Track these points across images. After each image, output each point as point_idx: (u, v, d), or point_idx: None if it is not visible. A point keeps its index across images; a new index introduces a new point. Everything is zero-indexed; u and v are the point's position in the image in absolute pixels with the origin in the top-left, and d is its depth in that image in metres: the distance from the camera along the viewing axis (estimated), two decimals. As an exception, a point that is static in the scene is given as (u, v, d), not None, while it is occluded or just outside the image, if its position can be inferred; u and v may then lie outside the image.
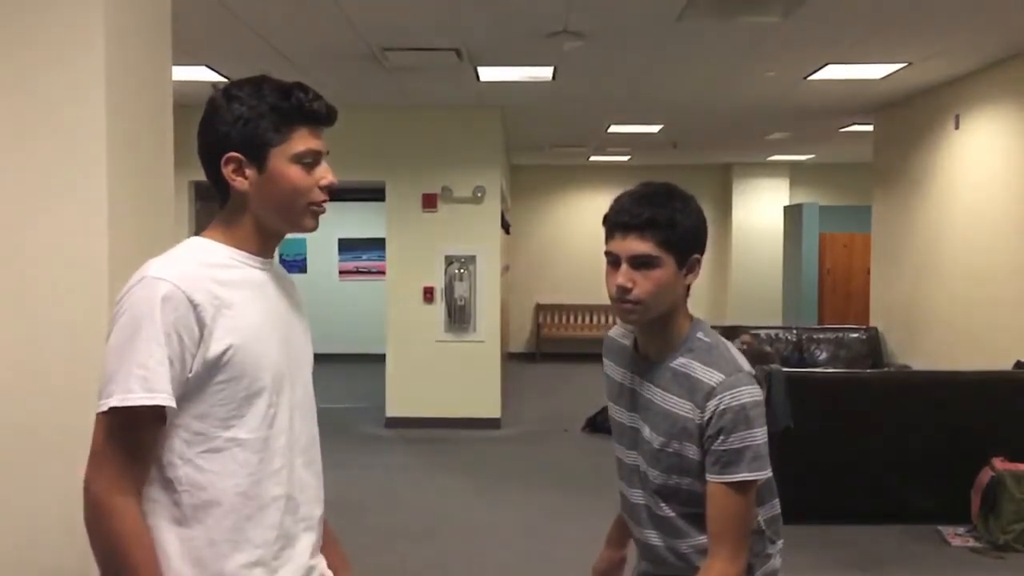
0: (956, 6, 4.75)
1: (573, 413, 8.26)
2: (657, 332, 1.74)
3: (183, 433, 1.48)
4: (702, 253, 1.73)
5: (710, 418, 1.64)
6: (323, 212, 1.60)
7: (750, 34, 5.25)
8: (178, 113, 2.65)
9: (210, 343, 1.46)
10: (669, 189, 1.72)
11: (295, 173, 1.54)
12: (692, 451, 1.68)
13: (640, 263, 1.66)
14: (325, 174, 1.58)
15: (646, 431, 1.75)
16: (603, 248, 1.72)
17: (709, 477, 1.66)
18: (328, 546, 1.73)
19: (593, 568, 2.07)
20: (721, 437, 1.63)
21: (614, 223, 1.70)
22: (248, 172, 1.53)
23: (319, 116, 1.55)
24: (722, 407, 1.63)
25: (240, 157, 1.52)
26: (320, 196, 1.58)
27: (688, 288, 1.74)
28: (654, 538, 1.79)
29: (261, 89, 1.53)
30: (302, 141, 1.54)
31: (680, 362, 1.71)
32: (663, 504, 1.75)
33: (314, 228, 1.61)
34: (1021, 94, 5.86)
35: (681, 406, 1.69)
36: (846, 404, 5.25)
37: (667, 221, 1.66)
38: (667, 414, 1.71)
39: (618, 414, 1.85)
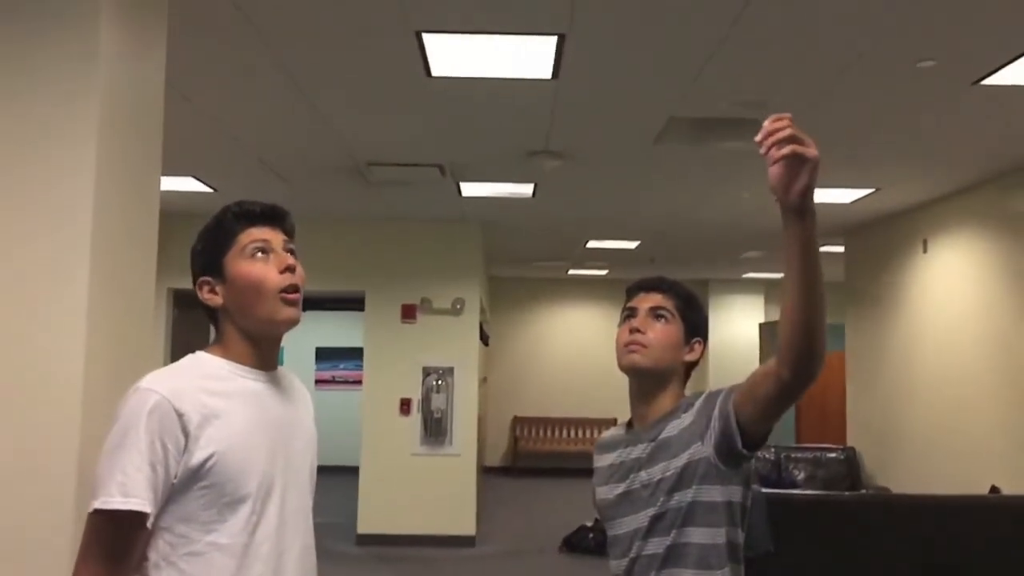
0: (923, 135, 4.95)
1: (549, 531, 8.06)
2: (652, 396, 1.91)
3: (167, 535, 1.54)
4: (703, 341, 1.96)
5: (699, 407, 1.80)
6: (295, 297, 1.66)
7: (725, 157, 5.42)
8: (160, 220, 2.67)
9: (194, 451, 1.52)
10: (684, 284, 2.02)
11: (249, 267, 1.64)
12: (694, 450, 1.76)
13: (657, 314, 1.93)
14: (283, 260, 1.66)
15: (643, 476, 1.83)
16: (579, 367, 1.78)
17: (718, 408, 1.75)
18: None
19: None
20: (709, 401, 1.79)
21: (639, 285, 2.00)
22: (218, 288, 1.67)
23: (253, 214, 1.67)
24: (704, 393, 1.83)
25: (208, 279, 1.67)
26: (283, 281, 1.64)
27: (688, 369, 1.95)
28: None
29: (214, 217, 1.70)
30: (247, 237, 1.66)
31: (674, 422, 1.84)
32: (670, 541, 1.77)
33: (293, 317, 1.67)
34: (987, 221, 6.05)
35: (680, 432, 1.81)
36: (828, 526, 5.16)
37: (686, 294, 1.99)
38: (663, 445, 1.82)
39: (608, 492, 1.91)
